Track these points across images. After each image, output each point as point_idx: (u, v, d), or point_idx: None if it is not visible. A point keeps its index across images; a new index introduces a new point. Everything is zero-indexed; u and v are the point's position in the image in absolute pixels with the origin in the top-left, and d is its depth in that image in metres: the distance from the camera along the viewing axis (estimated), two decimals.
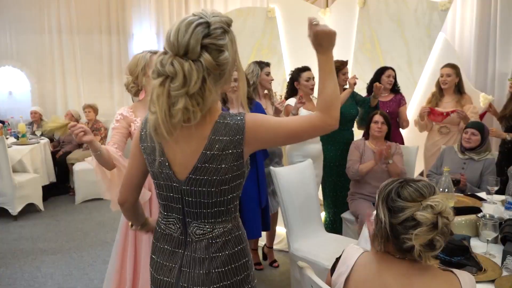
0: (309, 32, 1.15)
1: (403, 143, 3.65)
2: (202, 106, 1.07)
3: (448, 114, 3.49)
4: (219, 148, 1.09)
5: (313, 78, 3.30)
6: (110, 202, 2.01)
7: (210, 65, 1.05)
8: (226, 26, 1.09)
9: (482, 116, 3.58)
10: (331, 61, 1.16)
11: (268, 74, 3.17)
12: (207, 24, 1.06)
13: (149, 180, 2.05)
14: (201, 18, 1.07)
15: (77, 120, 5.75)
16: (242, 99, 1.22)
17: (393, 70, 3.71)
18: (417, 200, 1.15)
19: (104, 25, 6.41)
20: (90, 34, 6.36)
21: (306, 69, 3.28)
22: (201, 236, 1.17)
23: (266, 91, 3.24)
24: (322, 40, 1.14)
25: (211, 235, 1.16)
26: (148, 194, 2.03)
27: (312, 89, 3.30)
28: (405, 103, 3.68)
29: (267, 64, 3.19)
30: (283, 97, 3.68)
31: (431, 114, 3.58)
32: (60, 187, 5.54)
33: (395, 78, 3.71)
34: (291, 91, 3.38)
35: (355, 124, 3.71)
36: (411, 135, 3.98)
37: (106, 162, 1.82)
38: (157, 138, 1.10)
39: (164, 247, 1.23)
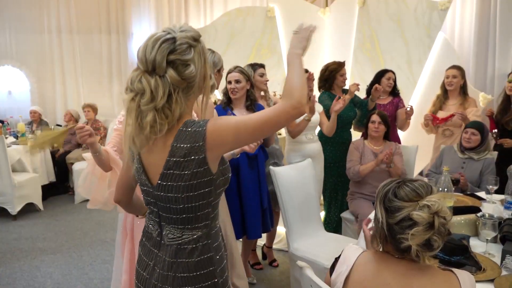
0: (308, 44, 1.24)
1: (399, 143, 3.65)
2: (171, 118, 1.13)
3: (447, 119, 3.49)
4: (180, 155, 1.13)
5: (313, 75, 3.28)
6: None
7: (174, 80, 1.12)
8: (192, 41, 1.15)
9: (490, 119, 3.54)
10: (301, 58, 1.23)
11: (262, 75, 3.14)
12: (173, 40, 1.12)
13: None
14: (168, 34, 1.13)
15: (77, 120, 5.75)
16: (203, 107, 1.24)
17: (393, 73, 3.68)
18: (414, 200, 1.15)
19: (103, 25, 6.41)
20: (89, 34, 6.36)
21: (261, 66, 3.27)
22: (172, 240, 1.21)
23: (262, 93, 3.22)
24: (306, 44, 1.24)
25: (179, 241, 1.20)
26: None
27: (312, 90, 3.30)
28: (403, 106, 3.66)
29: (261, 66, 3.16)
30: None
31: (433, 121, 3.58)
32: (59, 186, 5.54)
33: (395, 81, 3.69)
34: None
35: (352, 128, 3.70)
36: (410, 136, 3.98)
37: (103, 164, 1.82)
38: (133, 148, 1.17)
39: (145, 243, 1.31)
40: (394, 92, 3.72)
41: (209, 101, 2.41)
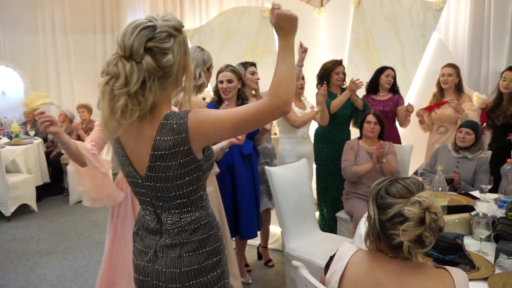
0: (270, 17, 1.19)
1: (400, 142, 3.67)
2: (143, 105, 1.13)
3: (441, 104, 3.52)
4: (165, 148, 1.14)
5: (303, 77, 3.30)
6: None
7: (151, 68, 1.12)
8: (172, 30, 1.15)
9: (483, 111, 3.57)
10: (292, 46, 1.18)
11: (253, 73, 3.13)
12: (153, 28, 1.13)
13: (123, 181, 2.01)
14: (149, 21, 1.14)
15: (71, 120, 5.73)
16: (186, 100, 1.24)
17: (393, 70, 3.70)
18: (405, 197, 1.16)
19: (98, 25, 6.39)
20: (84, 34, 6.34)
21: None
22: (171, 225, 1.24)
23: (253, 92, 3.22)
24: (283, 23, 1.16)
25: (179, 224, 1.23)
26: (122, 194, 2.02)
27: (302, 88, 3.32)
28: (403, 103, 3.67)
29: (252, 64, 3.15)
30: None
31: (428, 109, 3.60)
32: (54, 187, 5.51)
33: (394, 78, 3.70)
34: None
35: (351, 125, 3.71)
36: (410, 134, 3.98)
37: (75, 158, 1.76)
38: (106, 134, 1.16)
39: (143, 234, 1.32)
40: (394, 89, 3.73)
41: (200, 99, 2.40)
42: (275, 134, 3.57)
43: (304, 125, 3.21)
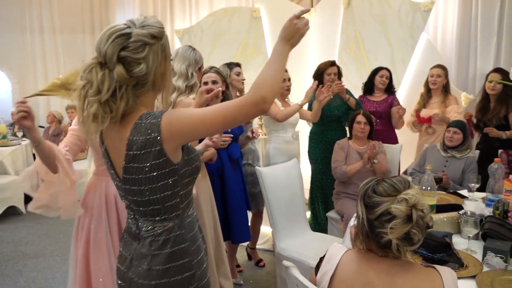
0: (294, 20, 1.19)
1: (397, 142, 3.69)
2: (115, 113, 1.11)
3: (425, 120, 3.58)
4: (137, 148, 1.11)
5: (289, 79, 3.31)
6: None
7: (121, 78, 1.10)
8: (148, 39, 1.12)
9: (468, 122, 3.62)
10: (287, 55, 1.18)
11: (238, 74, 3.11)
12: (128, 36, 1.10)
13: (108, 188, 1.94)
14: (127, 27, 1.11)
15: (60, 121, 5.67)
16: (164, 105, 1.24)
17: (388, 70, 3.71)
18: (392, 195, 1.17)
19: (87, 25, 6.32)
20: (73, 34, 6.26)
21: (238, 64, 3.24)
22: (146, 233, 1.21)
23: (238, 93, 3.21)
24: (297, 34, 1.19)
25: (153, 233, 1.20)
26: (80, 211, 1.92)
27: (288, 90, 3.33)
28: (398, 104, 3.68)
29: (237, 64, 3.13)
30: None
31: (419, 120, 3.67)
32: None
33: (390, 78, 3.71)
34: None
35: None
36: (406, 136, 4.00)
37: (45, 159, 1.64)
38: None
39: (127, 238, 1.30)
40: (390, 90, 3.75)
41: (191, 100, 2.39)
42: (264, 134, 3.57)
43: (287, 118, 3.12)
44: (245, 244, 3.46)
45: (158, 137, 1.09)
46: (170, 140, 1.10)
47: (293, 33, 1.18)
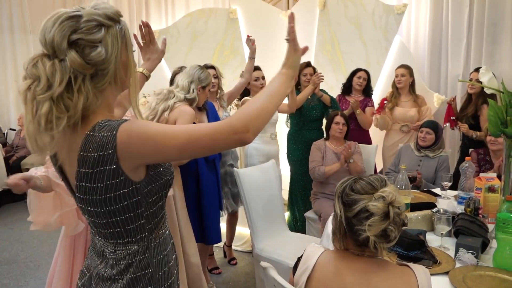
0: (295, 42, 1.13)
1: (371, 143, 3.75)
2: (73, 112, 0.92)
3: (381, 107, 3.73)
4: (88, 166, 0.93)
5: (263, 77, 3.34)
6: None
7: (76, 65, 0.92)
8: (104, 19, 0.95)
9: (446, 118, 3.72)
10: (288, 82, 1.08)
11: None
12: (78, 17, 0.93)
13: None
14: (76, 11, 0.94)
15: None
16: (133, 104, 1.05)
17: (366, 72, 3.79)
18: (370, 193, 1.19)
19: None
20: None
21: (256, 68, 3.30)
22: (109, 254, 1.06)
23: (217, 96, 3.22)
24: (298, 58, 1.14)
25: (114, 256, 1.04)
26: (82, 225, 1.98)
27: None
28: (372, 106, 3.79)
29: (211, 67, 3.13)
30: None
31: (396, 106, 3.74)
32: (14, 193, 5.27)
33: (367, 80, 3.80)
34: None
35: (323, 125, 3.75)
36: (379, 135, 4.08)
37: (46, 190, 1.79)
38: (32, 151, 0.94)
39: (91, 252, 1.15)
40: (367, 91, 3.83)
41: (187, 108, 2.43)
42: None
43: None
44: (221, 243, 3.46)
45: (114, 154, 0.91)
46: (128, 158, 0.93)
47: (298, 57, 1.13)
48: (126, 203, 0.98)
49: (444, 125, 3.68)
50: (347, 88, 3.84)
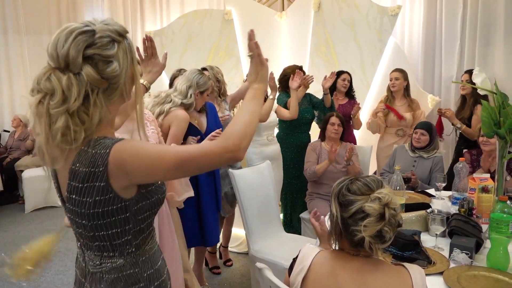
0: (256, 57, 1.13)
1: (355, 143, 3.78)
2: (89, 124, 0.95)
3: (396, 113, 3.67)
4: (79, 180, 0.95)
5: None
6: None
7: (92, 80, 0.95)
8: (116, 36, 0.99)
9: (439, 122, 3.74)
10: (262, 94, 1.12)
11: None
12: (92, 33, 0.96)
13: None
14: (86, 26, 0.97)
15: (26, 125, 5.48)
16: (138, 116, 1.07)
17: (349, 74, 3.84)
18: (366, 194, 1.20)
19: (54, 25, 6.13)
20: (39, 35, 6.07)
21: None
22: (94, 267, 1.06)
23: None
24: (264, 70, 1.14)
25: (100, 269, 1.04)
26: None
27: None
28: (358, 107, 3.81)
29: (203, 69, 3.14)
30: None
31: (390, 111, 3.72)
32: (8, 195, 5.25)
33: (350, 82, 3.83)
34: None
35: (312, 127, 3.77)
36: (365, 136, 4.12)
37: None
38: (43, 163, 0.98)
39: (76, 270, 1.15)
40: (350, 93, 3.86)
41: (182, 112, 2.43)
42: None
43: (268, 116, 3.15)
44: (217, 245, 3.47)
45: (104, 172, 0.93)
46: (119, 177, 0.95)
47: (265, 69, 1.14)
48: (114, 219, 0.99)
49: (441, 139, 3.71)
50: (331, 90, 3.84)
